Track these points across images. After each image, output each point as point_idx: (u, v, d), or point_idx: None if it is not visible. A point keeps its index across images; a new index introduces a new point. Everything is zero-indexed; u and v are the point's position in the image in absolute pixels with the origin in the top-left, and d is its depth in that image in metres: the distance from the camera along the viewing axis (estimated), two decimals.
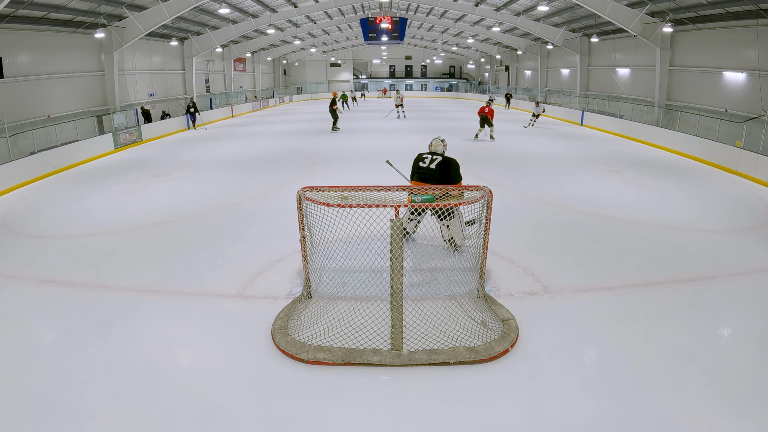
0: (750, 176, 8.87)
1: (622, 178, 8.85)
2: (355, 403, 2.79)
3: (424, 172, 4.83)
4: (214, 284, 4.34)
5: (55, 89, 14.25)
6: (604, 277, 4.45)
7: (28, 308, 3.97)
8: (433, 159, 4.85)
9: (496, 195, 4.34)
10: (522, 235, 5.57)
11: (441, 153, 4.97)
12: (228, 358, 3.23)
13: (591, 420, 2.63)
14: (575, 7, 17.76)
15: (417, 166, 4.93)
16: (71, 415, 2.69)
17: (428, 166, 4.82)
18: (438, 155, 4.90)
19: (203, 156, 11.67)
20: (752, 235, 5.70)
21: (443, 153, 5.00)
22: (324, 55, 40.15)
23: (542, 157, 11.08)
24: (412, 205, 3.59)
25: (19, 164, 8.95)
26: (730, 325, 3.72)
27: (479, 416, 2.67)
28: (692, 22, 14.74)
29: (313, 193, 3.50)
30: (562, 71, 25.24)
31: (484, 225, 3.66)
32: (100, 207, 7.18)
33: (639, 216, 6.35)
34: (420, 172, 4.87)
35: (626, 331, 3.51)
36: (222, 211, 6.72)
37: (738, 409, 2.69)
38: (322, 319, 3.57)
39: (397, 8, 27.59)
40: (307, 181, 8.13)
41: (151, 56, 19.17)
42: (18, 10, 11.66)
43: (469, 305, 3.71)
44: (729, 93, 14.06)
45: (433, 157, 4.87)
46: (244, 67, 29.56)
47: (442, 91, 41.47)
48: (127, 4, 14.83)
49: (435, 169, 4.77)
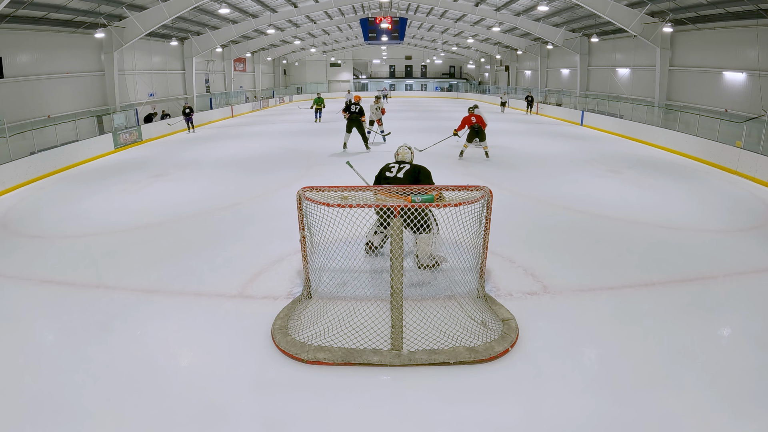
0: (750, 176, 8.87)
1: (622, 178, 8.85)
2: (355, 403, 2.79)
3: (391, 183, 4.35)
4: (214, 284, 4.34)
5: (55, 89, 14.25)
6: (604, 277, 4.45)
7: (28, 308, 3.97)
8: (401, 168, 4.48)
9: (496, 195, 4.34)
10: (522, 235, 5.56)
11: (409, 161, 4.65)
12: (228, 358, 3.22)
13: (591, 420, 2.63)
14: (575, 7, 17.76)
15: (383, 177, 4.51)
16: (71, 415, 2.69)
17: (395, 176, 4.43)
18: (406, 164, 4.56)
19: (203, 156, 11.67)
20: (752, 235, 5.70)
21: (411, 161, 4.68)
22: (324, 55, 40.14)
23: (542, 157, 11.07)
24: (412, 205, 3.56)
25: (19, 164, 8.95)
26: (730, 325, 3.71)
27: (479, 416, 2.67)
28: (692, 22, 14.74)
29: (313, 193, 3.50)
30: (562, 71, 25.23)
31: (485, 225, 3.66)
32: (100, 207, 7.18)
33: (639, 216, 6.35)
34: (387, 183, 4.40)
35: (626, 331, 3.51)
36: (222, 211, 6.72)
37: (738, 409, 2.69)
38: (322, 319, 3.56)
39: (397, 8, 27.60)
40: (307, 181, 8.13)
41: (151, 56, 19.16)
42: (18, 10, 11.67)
43: (469, 305, 3.71)
44: (729, 93, 14.06)
45: (401, 166, 4.51)
46: (244, 67, 29.56)
47: (442, 91, 41.46)
48: (127, 4, 14.84)
49: (403, 179, 4.38)
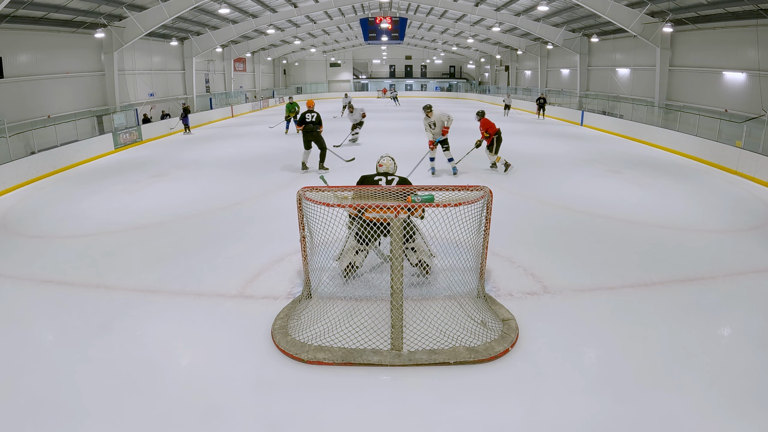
0: (750, 176, 8.87)
1: (623, 178, 8.85)
2: (355, 403, 2.79)
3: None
4: (214, 284, 4.34)
5: (55, 89, 14.25)
6: (604, 277, 4.45)
7: (28, 308, 3.97)
8: (390, 182, 4.20)
9: (496, 195, 4.33)
10: (522, 235, 5.56)
11: (393, 172, 4.39)
12: (228, 358, 3.22)
13: (591, 420, 2.63)
14: (575, 7, 17.76)
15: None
16: (71, 415, 2.69)
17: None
18: (392, 176, 4.29)
19: (203, 156, 11.67)
20: (752, 235, 5.70)
21: (395, 172, 4.43)
22: (324, 55, 40.15)
23: (542, 157, 11.07)
24: (412, 205, 3.53)
25: (19, 164, 8.95)
26: (730, 325, 3.71)
27: (479, 416, 2.66)
28: (692, 22, 14.74)
29: (313, 193, 3.50)
30: (562, 71, 25.23)
31: (485, 225, 3.66)
32: (100, 207, 7.18)
33: (639, 216, 6.35)
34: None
35: (626, 331, 3.51)
36: (222, 211, 6.72)
37: (739, 409, 2.69)
38: (322, 319, 3.56)
39: (397, 8, 27.59)
40: (307, 181, 8.13)
41: (151, 56, 19.17)
42: (18, 10, 11.67)
43: (469, 305, 3.71)
44: (729, 93, 14.06)
45: (388, 179, 4.23)
46: (244, 67, 29.57)
47: (442, 91, 41.47)
48: (127, 4, 14.84)
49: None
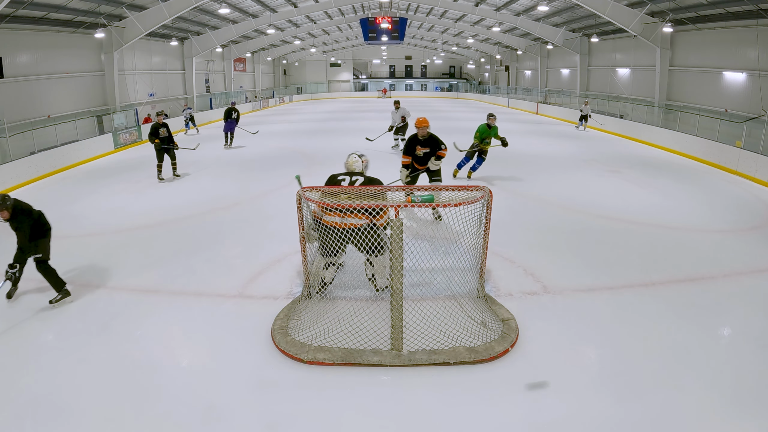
0: (750, 176, 8.88)
1: (623, 178, 8.85)
2: (355, 403, 2.79)
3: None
4: (214, 284, 4.34)
5: (55, 89, 14.26)
6: (604, 277, 4.45)
7: (28, 308, 3.96)
8: (354, 181, 3.92)
9: (496, 195, 4.33)
10: (522, 235, 5.56)
11: (360, 172, 4.08)
12: (228, 358, 3.23)
13: (591, 420, 2.63)
14: (575, 7, 17.77)
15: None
16: (70, 415, 2.69)
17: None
18: (358, 175, 3.99)
19: (203, 156, 11.64)
20: (753, 235, 5.70)
21: (363, 171, 4.13)
22: (324, 55, 40.13)
23: (542, 157, 11.07)
24: (412, 205, 3.53)
25: (19, 164, 8.95)
26: (730, 325, 3.71)
27: (479, 416, 2.66)
28: (692, 22, 14.74)
29: (313, 193, 3.51)
30: (562, 71, 25.23)
31: (484, 225, 3.66)
32: (100, 207, 7.18)
33: (639, 216, 6.35)
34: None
35: (626, 331, 3.51)
36: (222, 211, 6.72)
37: (739, 409, 2.69)
38: (322, 319, 3.56)
39: (397, 8, 27.58)
40: (307, 181, 8.11)
41: (151, 56, 19.17)
42: (18, 10, 11.67)
43: (469, 305, 3.71)
44: (729, 93, 14.06)
45: (353, 179, 3.94)
46: (244, 67, 29.57)
47: (442, 91, 41.46)
48: (127, 4, 14.85)
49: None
